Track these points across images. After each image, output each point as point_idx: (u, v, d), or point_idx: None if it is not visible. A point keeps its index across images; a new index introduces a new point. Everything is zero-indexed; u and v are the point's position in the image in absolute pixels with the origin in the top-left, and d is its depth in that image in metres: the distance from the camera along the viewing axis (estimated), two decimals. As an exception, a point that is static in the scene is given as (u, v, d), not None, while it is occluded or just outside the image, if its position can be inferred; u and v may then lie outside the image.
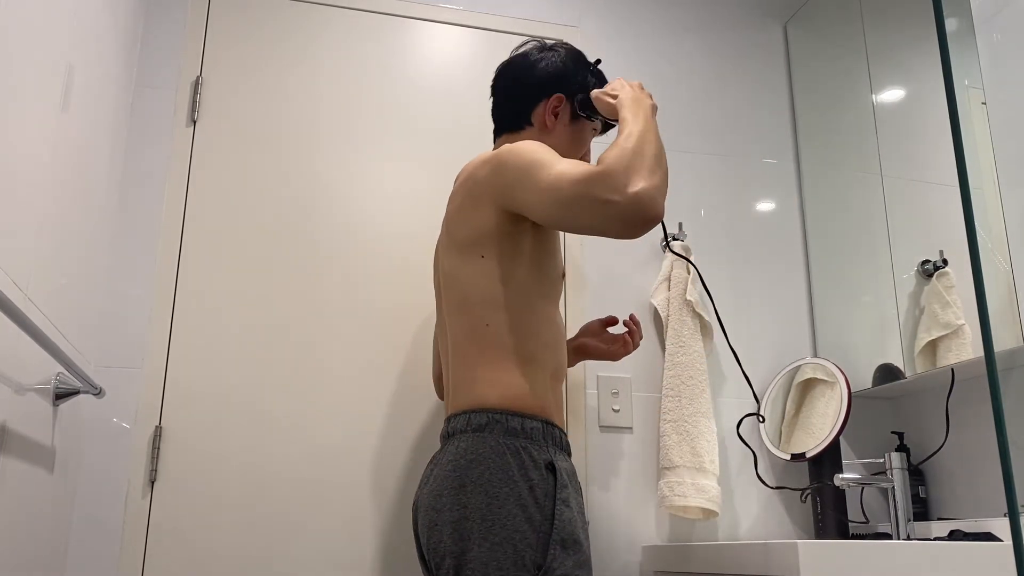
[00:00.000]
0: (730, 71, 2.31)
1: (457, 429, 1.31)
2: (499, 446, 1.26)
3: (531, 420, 1.30)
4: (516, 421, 1.28)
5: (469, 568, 1.20)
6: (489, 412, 1.29)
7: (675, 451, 1.88)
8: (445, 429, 1.36)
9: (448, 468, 1.27)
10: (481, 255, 1.35)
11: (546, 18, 2.23)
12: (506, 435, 1.27)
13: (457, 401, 1.35)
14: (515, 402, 1.30)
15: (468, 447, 1.27)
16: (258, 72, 2.01)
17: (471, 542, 1.20)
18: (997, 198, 1.64)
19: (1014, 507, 0.69)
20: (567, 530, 1.24)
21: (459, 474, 1.25)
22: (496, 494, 1.22)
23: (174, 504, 1.73)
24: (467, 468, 1.25)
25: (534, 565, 1.20)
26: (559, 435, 1.35)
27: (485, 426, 1.28)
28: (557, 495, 1.25)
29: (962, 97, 1.73)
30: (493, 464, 1.24)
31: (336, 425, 1.84)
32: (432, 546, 1.26)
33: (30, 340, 1.22)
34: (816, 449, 1.86)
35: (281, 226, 1.92)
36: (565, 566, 1.22)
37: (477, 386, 1.32)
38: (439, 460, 1.32)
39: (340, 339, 1.89)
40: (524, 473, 1.24)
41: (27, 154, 1.22)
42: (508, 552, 1.19)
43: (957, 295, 1.73)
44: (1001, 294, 1.61)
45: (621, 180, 1.18)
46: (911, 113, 1.90)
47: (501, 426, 1.27)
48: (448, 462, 1.28)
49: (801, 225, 2.24)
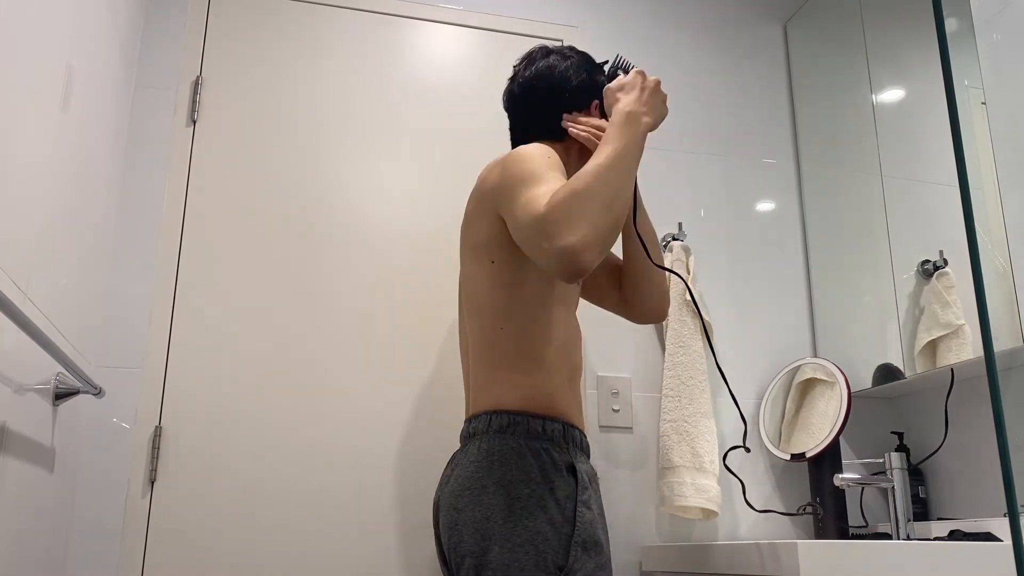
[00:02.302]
0: (730, 71, 2.31)
1: (479, 430, 1.31)
2: (520, 448, 1.26)
3: (551, 422, 1.30)
4: (537, 423, 1.28)
5: (490, 569, 1.20)
6: (510, 414, 1.29)
7: (675, 451, 1.89)
8: (466, 429, 1.36)
9: (470, 468, 1.27)
10: (491, 260, 1.35)
11: (546, 18, 2.23)
12: (527, 437, 1.27)
13: (478, 402, 1.35)
14: (534, 404, 1.30)
15: (490, 448, 1.27)
16: (258, 72, 2.01)
17: (492, 543, 1.21)
18: (997, 198, 1.64)
19: (1014, 507, 0.69)
20: (588, 532, 1.24)
21: (481, 475, 1.25)
22: (518, 495, 1.22)
23: (174, 504, 1.73)
24: (489, 469, 1.25)
25: (555, 567, 1.20)
26: (579, 437, 1.35)
27: (506, 427, 1.28)
28: (579, 497, 1.25)
29: (962, 97, 1.73)
30: (515, 465, 1.24)
31: (336, 425, 1.84)
32: (452, 546, 1.26)
33: (30, 340, 1.22)
34: (816, 449, 1.86)
35: (281, 226, 1.92)
36: (587, 568, 1.22)
37: (496, 388, 1.32)
38: (460, 461, 1.32)
39: (340, 339, 1.89)
40: (545, 475, 1.24)
41: (27, 154, 1.22)
42: (530, 553, 1.19)
43: (957, 295, 1.73)
44: (1001, 294, 1.61)
45: (553, 229, 1.15)
46: (911, 113, 1.90)
47: (522, 428, 1.28)
48: (470, 463, 1.28)
49: (801, 225, 2.24)
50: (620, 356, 2.02)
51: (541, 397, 1.31)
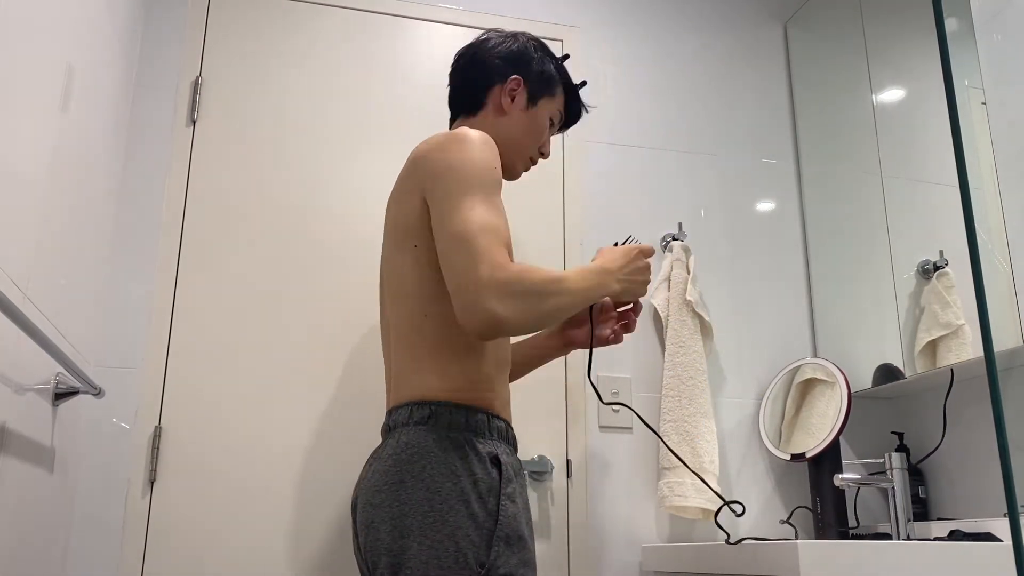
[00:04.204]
0: (730, 71, 2.32)
1: (399, 422, 1.26)
2: (442, 439, 1.21)
3: (476, 412, 1.25)
4: (460, 413, 1.23)
5: (408, 568, 1.14)
6: (432, 404, 1.24)
7: (675, 451, 1.88)
8: (387, 422, 1.30)
9: (388, 463, 1.21)
10: (414, 244, 1.29)
11: (546, 18, 2.23)
12: (450, 428, 1.22)
13: (399, 393, 1.29)
14: (458, 394, 1.25)
15: (409, 440, 1.21)
16: (258, 72, 2.01)
17: (410, 540, 1.15)
18: (997, 198, 1.64)
19: (1014, 507, 0.69)
20: (512, 526, 1.19)
21: (399, 468, 1.20)
22: (438, 489, 1.17)
23: (174, 504, 1.73)
24: (408, 462, 1.20)
25: (477, 563, 1.15)
26: (504, 428, 1.30)
27: (428, 418, 1.23)
28: (502, 490, 1.20)
29: (962, 97, 1.73)
30: (435, 458, 1.19)
31: (336, 425, 1.84)
32: (369, 545, 1.20)
33: (30, 340, 1.22)
34: (816, 449, 1.86)
35: (280, 226, 1.93)
36: (509, 564, 1.17)
37: (419, 377, 1.27)
38: (379, 455, 1.25)
39: (340, 338, 1.89)
40: (468, 467, 1.19)
41: (27, 154, 1.22)
42: (450, 550, 1.14)
43: (957, 295, 1.73)
44: (1001, 294, 1.61)
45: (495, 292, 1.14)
46: (911, 113, 1.90)
47: (445, 418, 1.23)
48: (388, 456, 1.22)
49: (801, 225, 2.24)
50: (620, 356, 2.02)
51: (467, 386, 1.26)
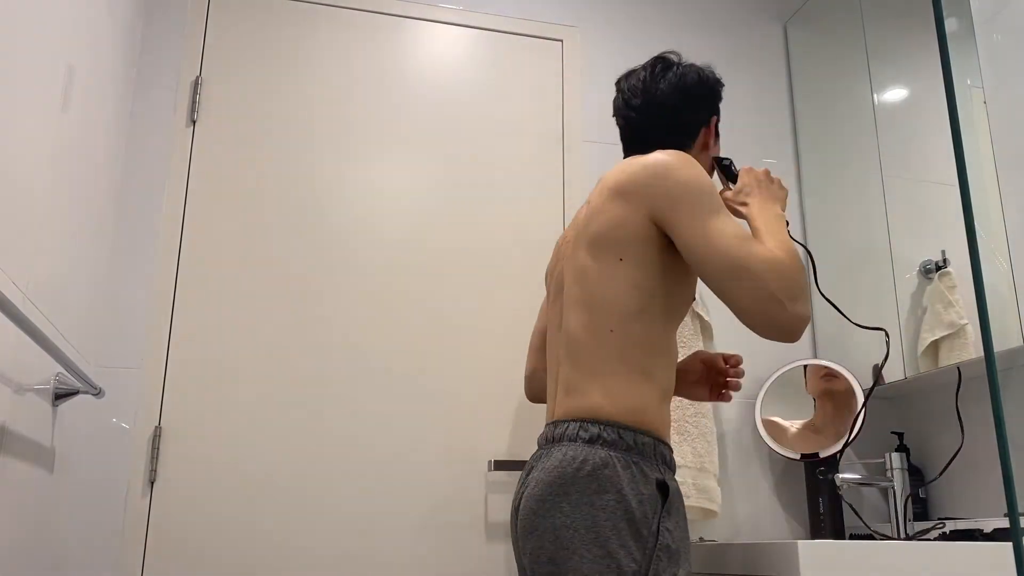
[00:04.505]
0: (730, 71, 2.31)
1: (567, 436, 1.26)
2: (610, 458, 1.22)
3: (643, 436, 1.26)
4: (629, 436, 1.24)
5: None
6: (603, 424, 1.25)
7: (675, 451, 1.88)
8: (551, 433, 1.30)
9: (554, 474, 1.23)
10: (619, 258, 1.29)
11: (546, 18, 2.22)
12: (618, 448, 1.23)
13: (569, 405, 1.30)
14: (630, 416, 1.26)
15: (577, 455, 1.23)
16: (258, 72, 2.01)
17: (572, 552, 1.18)
18: (997, 198, 1.63)
19: (1014, 507, 0.68)
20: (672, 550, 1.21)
21: (564, 481, 1.22)
22: (603, 506, 1.19)
23: (174, 504, 1.73)
24: (575, 476, 1.22)
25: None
26: (667, 454, 1.31)
27: (598, 437, 1.24)
28: (664, 512, 1.22)
29: (962, 97, 1.73)
30: (602, 476, 1.21)
31: (336, 425, 1.84)
32: (532, 550, 1.23)
33: (30, 340, 1.22)
34: (832, 450, 1.85)
35: (280, 225, 1.92)
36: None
37: (593, 394, 1.27)
38: (543, 465, 1.27)
39: (339, 338, 1.89)
40: (634, 488, 1.21)
41: (27, 154, 1.22)
42: (611, 567, 1.16)
43: (959, 295, 1.73)
44: (1001, 294, 1.61)
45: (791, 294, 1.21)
46: (911, 113, 1.90)
47: (614, 439, 1.24)
48: (553, 467, 1.24)
49: (801, 225, 2.24)
50: (620, 356, 2.01)
51: (639, 409, 1.26)
